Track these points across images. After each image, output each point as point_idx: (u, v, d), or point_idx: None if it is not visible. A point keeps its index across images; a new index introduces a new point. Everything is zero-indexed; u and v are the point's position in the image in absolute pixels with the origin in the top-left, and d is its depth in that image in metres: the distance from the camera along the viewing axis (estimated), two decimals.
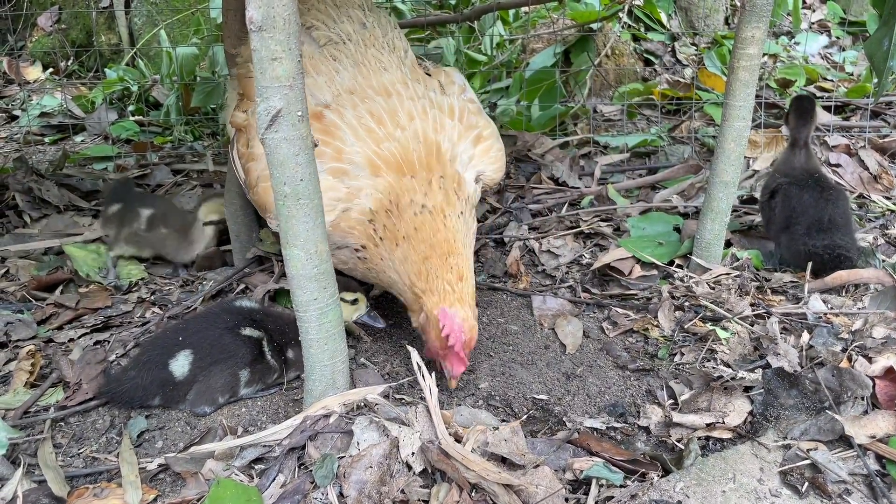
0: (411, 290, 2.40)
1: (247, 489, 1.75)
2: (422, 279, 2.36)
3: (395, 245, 2.39)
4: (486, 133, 2.67)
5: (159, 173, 4.34)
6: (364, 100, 2.53)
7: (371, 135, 2.44)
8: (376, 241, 2.42)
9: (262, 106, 1.81)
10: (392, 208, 2.40)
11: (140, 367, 2.43)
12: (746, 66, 2.82)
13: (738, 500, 1.95)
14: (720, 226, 3.07)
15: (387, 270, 2.45)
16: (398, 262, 2.40)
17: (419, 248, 2.37)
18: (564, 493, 1.96)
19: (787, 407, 2.28)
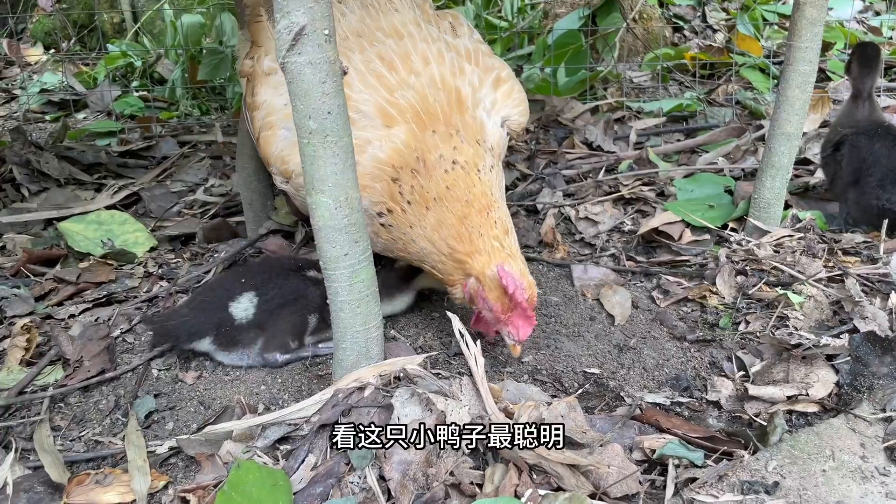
0: (451, 257, 2.12)
1: (272, 472, 1.50)
2: (464, 242, 2.08)
3: (425, 209, 2.12)
4: (505, 74, 2.40)
5: (165, 145, 4.07)
6: (373, 43, 2.26)
7: (382, 81, 2.18)
8: (403, 205, 2.14)
9: (283, 23, 1.54)
10: (419, 167, 2.12)
11: (195, 307, 2.27)
12: (814, 2, 2.53)
13: (843, 481, 1.68)
14: (781, 183, 2.79)
15: (417, 240, 2.16)
16: (431, 229, 2.12)
17: (454, 208, 2.10)
18: (639, 474, 1.69)
19: (880, 375, 2.00)
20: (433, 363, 2.23)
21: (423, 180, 2.12)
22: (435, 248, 2.14)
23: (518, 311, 2.04)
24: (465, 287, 2.13)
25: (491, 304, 2.05)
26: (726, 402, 2.10)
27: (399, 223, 2.16)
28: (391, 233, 2.20)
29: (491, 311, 2.07)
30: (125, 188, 3.59)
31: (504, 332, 2.11)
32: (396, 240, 2.21)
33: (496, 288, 2.03)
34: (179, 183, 3.67)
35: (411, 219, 2.14)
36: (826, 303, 2.34)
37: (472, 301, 2.14)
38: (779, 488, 1.64)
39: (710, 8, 5.66)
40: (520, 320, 2.06)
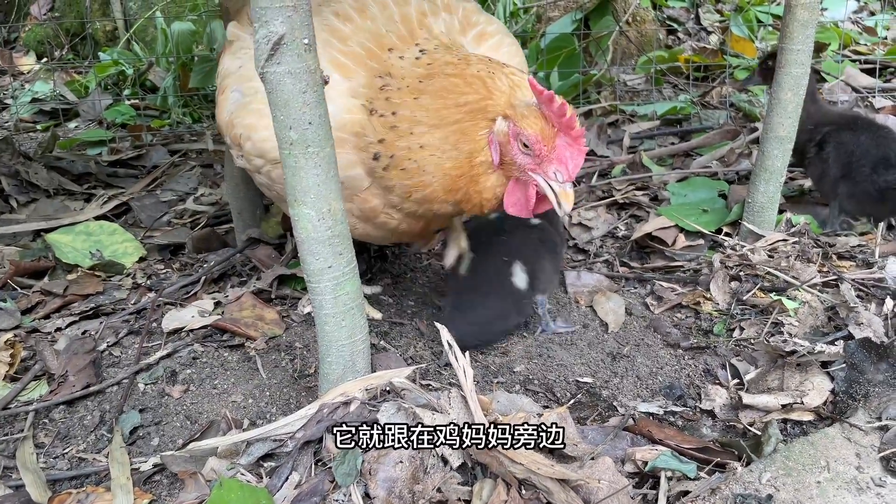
0: (469, 113, 1.83)
1: (254, 491, 1.46)
2: (475, 89, 1.81)
3: (413, 99, 1.86)
4: (491, 29, 2.22)
5: (156, 154, 4.04)
6: (330, 3, 2.11)
7: (335, 34, 2.00)
8: (388, 118, 1.88)
9: (262, 32, 1.51)
10: (387, 81, 1.92)
11: (495, 297, 2.33)
12: (805, 4, 2.50)
13: (837, 492, 1.65)
14: (775, 187, 2.76)
15: (424, 139, 1.85)
16: (433, 108, 1.84)
17: (448, 70, 1.85)
18: (631, 488, 1.65)
19: (875, 383, 1.97)
20: (423, 374, 2.20)
21: (396, 81, 1.91)
22: (444, 124, 1.83)
23: (564, 133, 1.74)
24: (491, 142, 1.83)
25: (529, 137, 1.75)
26: (720, 411, 2.07)
27: (396, 141, 1.88)
28: (397, 165, 1.90)
29: (530, 146, 1.76)
30: (115, 198, 3.56)
31: (550, 178, 1.79)
32: (406, 167, 1.89)
33: (530, 113, 1.75)
34: (170, 192, 3.63)
35: (405, 123, 1.87)
36: (821, 309, 2.31)
37: (502, 155, 1.83)
38: (773, 501, 1.61)
39: (703, 10, 5.64)
40: (567, 149, 1.75)
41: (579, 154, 1.77)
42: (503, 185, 1.91)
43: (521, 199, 1.91)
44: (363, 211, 2.09)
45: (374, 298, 2.64)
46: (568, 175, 1.77)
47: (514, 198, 1.91)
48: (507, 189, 1.90)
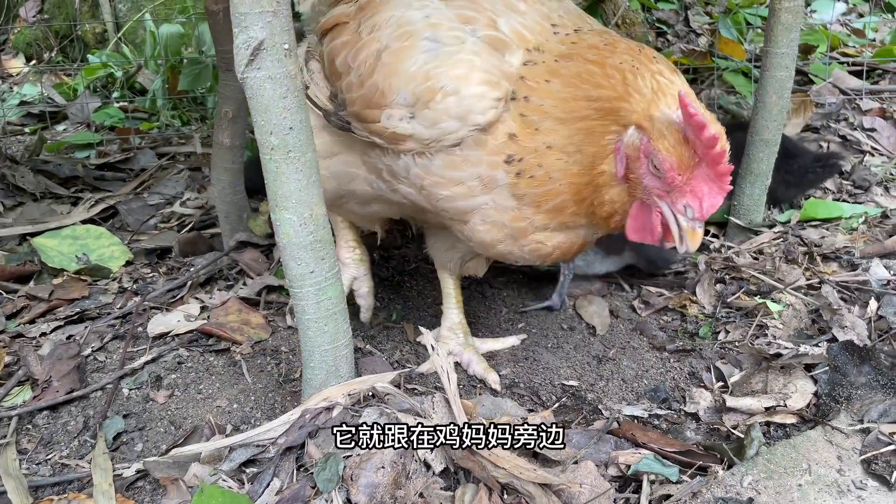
0: (599, 110, 1.61)
1: (236, 497, 1.46)
2: (612, 83, 1.59)
3: (547, 83, 1.65)
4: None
5: (143, 157, 4.02)
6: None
7: (514, 8, 1.79)
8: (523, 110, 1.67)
9: (241, 38, 1.51)
10: (532, 56, 1.71)
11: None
12: (790, 8, 2.52)
13: (818, 496, 1.65)
14: (760, 190, 2.77)
15: (546, 139, 1.66)
16: (565, 94, 1.63)
17: (589, 55, 1.65)
18: (613, 492, 1.66)
19: (858, 386, 1.98)
20: (409, 378, 2.20)
21: (537, 56, 1.70)
22: (574, 122, 1.62)
23: (705, 164, 1.49)
24: (617, 151, 1.61)
25: (661, 159, 1.51)
26: (704, 414, 2.08)
27: (525, 142, 1.68)
28: (524, 175, 1.70)
29: (661, 170, 1.53)
30: (102, 201, 3.54)
31: (677, 211, 1.56)
32: (534, 175, 1.69)
33: (669, 132, 1.51)
34: (157, 195, 3.62)
35: (535, 114, 1.66)
36: (805, 311, 2.32)
37: (627, 172, 1.61)
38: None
39: (693, 12, 5.65)
40: (704, 183, 1.50)
41: (719, 193, 1.52)
42: (626, 203, 1.68)
43: (645, 225, 1.68)
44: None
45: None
46: (700, 214, 1.54)
47: (638, 222, 1.69)
48: (632, 212, 1.68)
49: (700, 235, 1.58)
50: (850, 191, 3.24)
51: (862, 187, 3.28)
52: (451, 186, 1.77)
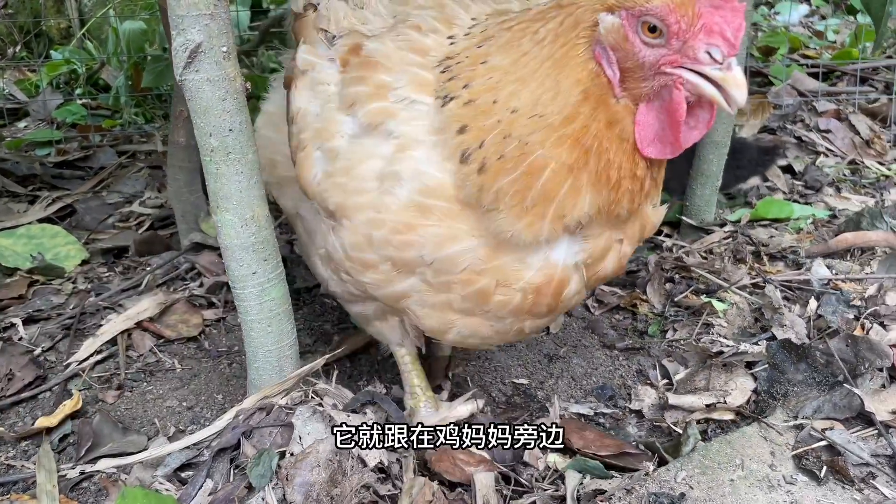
0: (556, 35, 1.38)
1: (161, 498, 1.47)
2: (552, 17, 1.40)
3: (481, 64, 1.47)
4: None
5: (103, 156, 3.98)
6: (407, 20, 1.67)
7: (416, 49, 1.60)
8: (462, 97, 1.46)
9: (178, 40, 1.52)
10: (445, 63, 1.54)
11: None
12: None
13: (749, 490, 1.70)
14: (711, 190, 2.83)
15: (512, 101, 1.41)
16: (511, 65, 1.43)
17: (507, 25, 1.48)
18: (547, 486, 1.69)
19: (795, 383, 2.03)
20: (358, 375, 2.22)
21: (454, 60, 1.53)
22: (531, 70, 1.39)
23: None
24: (599, 56, 1.36)
25: (657, 10, 1.27)
26: (648, 411, 2.12)
27: (481, 121, 1.43)
28: (493, 153, 1.41)
29: (662, 26, 1.28)
30: (60, 200, 3.50)
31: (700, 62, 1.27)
32: (504, 153, 1.41)
33: None
34: (116, 194, 3.59)
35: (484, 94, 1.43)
36: (748, 310, 2.37)
37: (622, 63, 1.34)
38: (685, 499, 1.65)
39: None
40: (715, 13, 1.24)
41: (735, 13, 1.24)
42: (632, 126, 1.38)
43: (660, 127, 1.36)
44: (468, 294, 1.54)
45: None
46: (729, 46, 1.24)
47: (650, 129, 1.37)
48: (637, 121, 1.37)
49: (743, 80, 1.26)
50: (802, 191, 3.30)
51: (814, 188, 3.35)
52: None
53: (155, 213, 3.36)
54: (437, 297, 1.55)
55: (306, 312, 2.64)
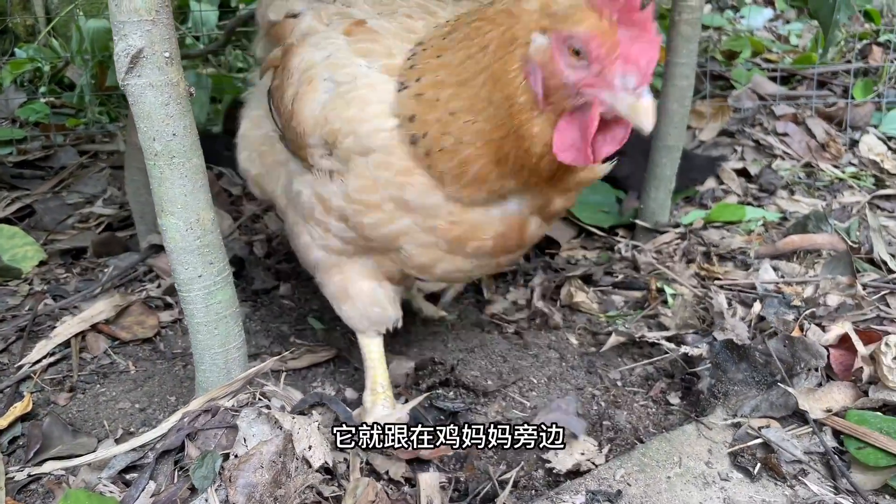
0: (492, 46, 1.51)
1: (103, 500, 1.48)
2: (497, 26, 1.51)
3: (436, 58, 1.61)
4: None
5: (65, 155, 3.96)
6: (396, 11, 1.86)
7: (411, 31, 1.76)
8: (413, 88, 1.62)
9: (120, 45, 1.53)
10: (414, 48, 1.69)
11: None
12: (689, 20, 2.63)
13: (685, 487, 1.75)
14: (664, 194, 2.88)
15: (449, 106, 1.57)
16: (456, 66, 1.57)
17: (469, 19, 1.60)
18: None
19: (736, 382, 2.08)
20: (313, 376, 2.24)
21: (422, 47, 1.68)
22: (471, 77, 1.53)
23: (624, 25, 1.36)
24: (528, 71, 1.47)
25: (580, 35, 1.38)
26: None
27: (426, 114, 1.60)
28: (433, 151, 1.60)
29: (584, 50, 1.39)
30: (18, 200, 3.48)
31: (615, 87, 1.38)
32: (439, 144, 1.59)
33: (576, 10, 1.39)
34: (76, 194, 3.57)
35: (431, 90, 1.59)
36: (693, 310, 2.42)
37: (547, 81, 1.45)
38: (622, 497, 1.70)
39: None
40: (633, 43, 1.35)
41: (651, 46, 1.35)
42: (550, 132, 1.50)
43: (576, 138, 1.48)
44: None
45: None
46: (642, 75, 1.36)
47: (567, 137, 1.49)
48: (557, 128, 1.49)
49: (652, 106, 1.38)
50: (756, 194, 3.38)
51: (768, 191, 3.42)
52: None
53: (115, 213, 3.35)
54: (426, 238, 1.75)
55: (264, 314, 2.66)
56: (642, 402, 2.17)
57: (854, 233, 2.79)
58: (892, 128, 4.06)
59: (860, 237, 2.75)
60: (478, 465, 1.93)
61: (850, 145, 3.97)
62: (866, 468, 1.78)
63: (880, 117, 4.15)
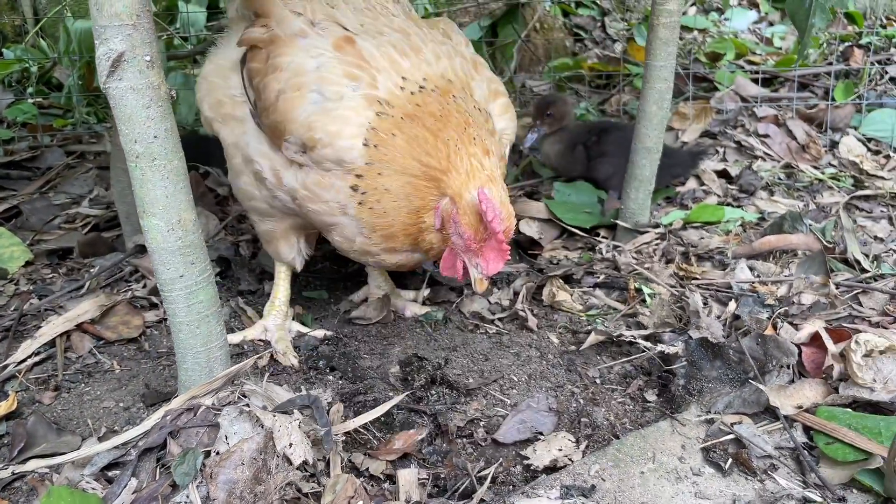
0: (426, 175, 1.97)
1: (85, 497, 1.51)
2: (439, 156, 1.96)
3: (393, 136, 1.98)
4: (502, 89, 2.36)
5: (51, 155, 3.97)
6: (384, 34, 2.18)
7: (395, 67, 2.08)
8: (371, 156, 1.98)
9: (101, 49, 1.56)
10: (383, 108, 2.01)
11: None
12: (666, 24, 2.67)
13: (658, 482, 1.79)
14: (644, 194, 2.92)
15: (390, 182, 1.98)
16: (402, 154, 1.97)
17: (428, 122, 1.98)
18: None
19: (710, 379, 2.13)
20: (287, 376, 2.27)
21: (388, 109, 2.01)
22: (407, 176, 1.98)
23: (492, 241, 1.92)
24: (437, 209, 1.99)
25: (462, 230, 1.92)
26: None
27: (370, 180, 2.00)
28: (365, 204, 2.03)
29: (462, 237, 1.94)
30: (5, 201, 3.49)
31: (472, 265, 2.00)
32: (373, 206, 2.03)
33: (471, 213, 1.90)
34: (63, 195, 3.59)
35: (382, 159, 1.98)
36: (670, 308, 2.47)
37: (442, 226, 2.00)
38: (595, 491, 1.73)
39: (610, 18, 5.83)
40: (492, 252, 1.94)
41: (501, 260, 1.95)
42: (441, 245, 2.08)
43: (452, 267, 2.10)
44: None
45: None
46: (486, 273, 1.97)
47: (448, 263, 2.09)
48: (444, 254, 2.08)
49: (485, 285, 2.01)
50: (736, 195, 3.43)
51: (748, 192, 3.47)
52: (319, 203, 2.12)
53: (101, 214, 3.37)
54: (352, 234, 2.13)
55: (251, 314, 2.68)
56: (620, 400, 2.21)
57: (829, 233, 2.84)
58: (872, 129, 4.12)
59: (835, 237, 2.80)
60: (457, 461, 1.97)
61: (831, 146, 4.03)
62: (835, 463, 1.82)
63: (860, 119, 4.21)
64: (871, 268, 2.65)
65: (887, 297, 2.45)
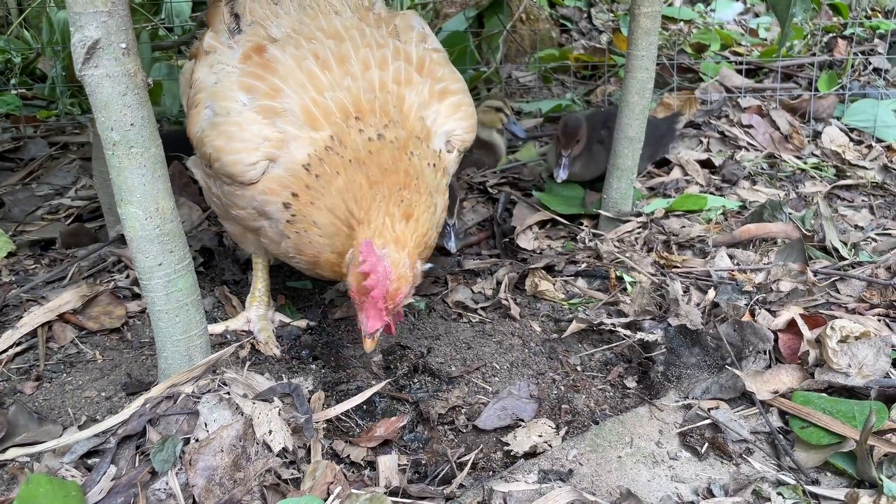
0: (346, 223, 1.95)
1: (64, 484, 1.51)
2: (362, 206, 1.92)
3: (336, 175, 1.95)
4: (455, 87, 2.23)
5: (35, 146, 3.95)
6: (311, 40, 2.11)
7: (313, 80, 2.02)
8: (310, 182, 1.97)
9: (77, 36, 1.55)
10: (333, 143, 1.97)
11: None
12: (648, 13, 2.67)
13: (635, 466, 1.81)
14: (626, 184, 2.94)
15: (314, 215, 1.97)
16: (336, 193, 1.94)
17: (371, 171, 1.93)
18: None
19: (689, 366, 2.15)
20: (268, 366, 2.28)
21: (339, 149, 1.97)
22: (333, 217, 1.96)
23: (370, 300, 1.85)
24: (349, 254, 1.96)
25: (349, 281, 1.91)
26: None
27: (301, 206, 1.98)
28: (294, 225, 2.01)
29: (350, 288, 1.92)
30: None
31: (359, 319, 1.93)
32: (299, 231, 2.01)
33: (355, 263, 1.87)
34: (46, 186, 3.57)
35: (317, 192, 1.96)
36: (650, 296, 2.49)
37: (343, 276, 1.99)
38: (573, 475, 1.75)
39: (596, 10, 5.84)
40: (371, 310, 1.86)
41: (378, 321, 1.88)
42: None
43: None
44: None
45: None
46: (364, 330, 1.91)
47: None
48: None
49: (369, 344, 1.93)
50: (718, 185, 3.45)
51: (730, 181, 3.50)
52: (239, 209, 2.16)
53: (84, 205, 3.36)
54: (276, 236, 2.12)
55: (235, 303, 2.68)
56: (600, 387, 2.23)
57: (809, 221, 2.86)
58: (855, 119, 4.15)
59: (815, 226, 2.83)
60: (438, 448, 1.99)
61: (813, 137, 4.05)
62: (809, 447, 1.85)
63: (843, 109, 4.24)
64: (849, 256, 2.68)
65: (864, 284, 2.48)
